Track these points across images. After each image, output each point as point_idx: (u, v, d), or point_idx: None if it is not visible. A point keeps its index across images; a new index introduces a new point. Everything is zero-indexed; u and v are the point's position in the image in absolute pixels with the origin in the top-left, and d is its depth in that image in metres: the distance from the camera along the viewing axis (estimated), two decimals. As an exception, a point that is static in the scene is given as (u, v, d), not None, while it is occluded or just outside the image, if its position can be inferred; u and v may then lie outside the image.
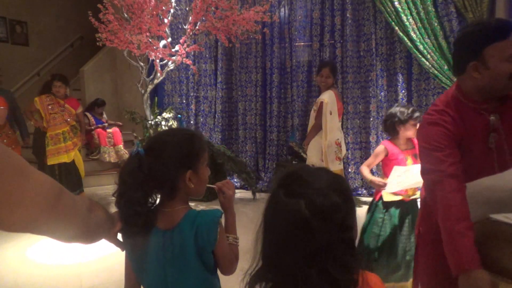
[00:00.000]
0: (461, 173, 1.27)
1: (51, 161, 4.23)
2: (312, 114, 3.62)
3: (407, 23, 4.48)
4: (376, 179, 2.21)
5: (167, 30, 4.75)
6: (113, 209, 0.98)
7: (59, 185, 0.69)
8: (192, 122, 5.83)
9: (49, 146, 4.23)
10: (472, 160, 1.34)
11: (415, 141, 2.18)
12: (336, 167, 3.52)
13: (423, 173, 1.38)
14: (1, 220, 0.59)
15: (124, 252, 1.06)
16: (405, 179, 2.05)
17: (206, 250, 1.00)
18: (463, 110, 1.35)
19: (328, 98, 3.44)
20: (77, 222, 0.74)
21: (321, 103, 3.44)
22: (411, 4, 4.48)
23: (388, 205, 2.25)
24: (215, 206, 1.11)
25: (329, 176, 0.79)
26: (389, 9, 4.57)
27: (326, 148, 3.45)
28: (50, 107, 4.23)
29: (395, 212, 2.24)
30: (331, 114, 3.45)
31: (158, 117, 5.24)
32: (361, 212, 4.27)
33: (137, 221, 0.95)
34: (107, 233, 0.90)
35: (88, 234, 0.80)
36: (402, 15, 4.49)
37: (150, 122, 5.15)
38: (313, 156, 3.56)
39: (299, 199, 0.72)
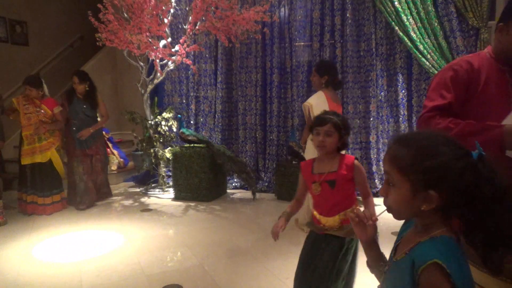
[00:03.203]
0: (457, 112, 1.38)
1: (25, 161, 4.24)
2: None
3: (407, 23, 4.49)
4: None
5: (167, 30, 4.75)
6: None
7: None
8: (192, 122, 5.83)
9: (24, 146, 4.24)
10: (491, 108, 1.39)
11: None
12: None
13: (424, 109, 1.46)
14: None
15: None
16: None
17: None
18: (487, 64, 1.40)
19: (314, 100, 3.45)
20: None
21: (309, 107, 3.43)
22: (411, 4, 4.48)
23: None
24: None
25: None
26: (389, 9, 4.57)
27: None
28: (25, 107, 4.25)
29: None
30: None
31: (158, 117, 5.24)
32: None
33: None
34: None
35: None
36: (402, 15, 4.49)
37: (150, 122, 5.15)
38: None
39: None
